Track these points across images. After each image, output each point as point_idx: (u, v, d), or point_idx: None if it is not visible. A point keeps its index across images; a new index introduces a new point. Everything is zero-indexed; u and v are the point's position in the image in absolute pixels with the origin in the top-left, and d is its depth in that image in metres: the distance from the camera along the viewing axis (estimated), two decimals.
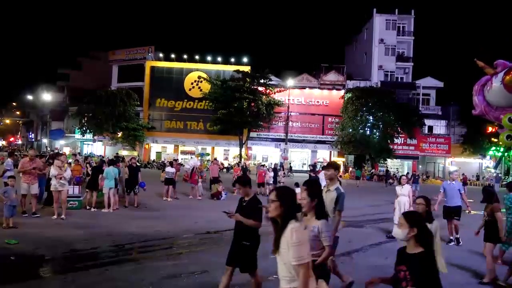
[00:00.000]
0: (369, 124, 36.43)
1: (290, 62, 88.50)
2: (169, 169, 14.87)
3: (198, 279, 5.62)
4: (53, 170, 9.75)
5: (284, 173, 21.93)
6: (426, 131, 42.39)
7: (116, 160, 14.89)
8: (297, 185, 12.01)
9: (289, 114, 39.46)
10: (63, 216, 9.48)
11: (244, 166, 25.08)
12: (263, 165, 22.26)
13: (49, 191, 11.63)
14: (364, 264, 6.89)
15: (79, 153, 40.08)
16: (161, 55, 44.50)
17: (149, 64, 43.88)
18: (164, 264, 6.28)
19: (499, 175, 35.74)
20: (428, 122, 40.96)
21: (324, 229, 3.72)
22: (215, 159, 23.93)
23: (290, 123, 40.20)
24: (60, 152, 25.00)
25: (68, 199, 11.10)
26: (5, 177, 10.88)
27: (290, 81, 38.68)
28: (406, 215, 3.05)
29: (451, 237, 8.92)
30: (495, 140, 31.67)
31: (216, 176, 16.53)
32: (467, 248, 8.61)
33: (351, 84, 41.53)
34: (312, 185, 3.92)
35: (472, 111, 8.66)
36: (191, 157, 42.20)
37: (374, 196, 21.13)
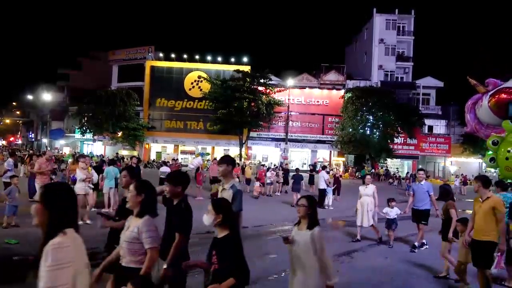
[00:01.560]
0: (369, 124, 36.44)
1: (290, 62, 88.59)
2: (164, 168, 14.63)
3: (198, 279, 5.62)
4: (79, 174, 9.38)
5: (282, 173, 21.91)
6: (426, 131, 42.40)
7: (116, 160, 14.92)
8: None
9: (289, 114, 39.48)
10: (88, 221, 9.18)
11: (244, 166, 25.10)
12: (263, 165, 22.29)
13: None
14: (364, 264, 6.90)
15: (79, 152, 40.13)
16: (161, 55, 44.52)
17: (149, 64, 43.89)
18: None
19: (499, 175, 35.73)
20: (428, 122, 40.97)
21: (145, 228, 3.16)
22: (215, 159, 23.92)
23: (290, 123, 40.22)
24: (84, 154, 24.38)
25: None
26: (6, 177, 10.96)
27: (290, 81, 38.69)
28: (213, 202, 3.27)
29: (424, 241, 8.37)
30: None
31: (216, 176, 16.53)
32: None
33: (351, 84, 41.54)
34: (141, 183, 3.42)
35: (464, 129, 8.69)
36: (194, 157, 42.38)
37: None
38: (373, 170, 38.74)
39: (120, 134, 39.98)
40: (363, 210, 8.58)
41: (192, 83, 43.01)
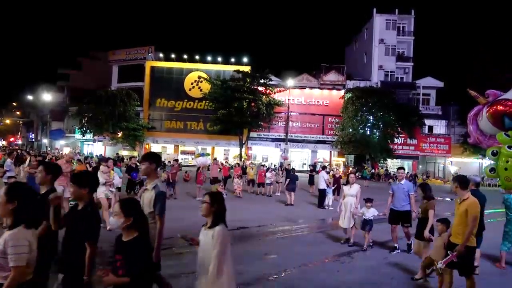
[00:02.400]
0: (369, 124, 36.43)
1: (290, 62, 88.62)
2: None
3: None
4: (100, 177, 8.86)
5: (282, 173, 21.90)
6: (426, 131, 42.40)
7: (117, 160, 14.91)
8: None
9: (289, 114, 39.47)
10: (109, 227, 8.58)
11: (244, 166, 25.07)
12: (263, 165, 22.27)
13: None
14: (364, 264, 6.90)
15: (79, 153, 40.12)
16: (161, 55, 44.53)
17: (149, 64, 43.90)
18: (164, 264, 6.26)
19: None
20: (428, 122, 40.96)
21: (11, 243, 2.67)
22: (215, 159, 23.92)
23: (290, 123, 40.23)
24: (106, 156, 23.47)
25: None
26: (5, 178, 10.97)
27: (290, 81, 38.69)
28: (122, 203, 3.02)
29: (396, 245, 7.83)
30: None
31: (216, 176, 16.53)
32: None
33: (351, 84, 41.55)
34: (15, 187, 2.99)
35: (468, 140, 8.78)
36: (193, 157, 42.39)
37: (376, 196, 21.10)
38: (373, 170, 38.78)
39: (120, 134, 39.98)
40: (346, 211, 8.24)
41: (192, 83, 43.01)
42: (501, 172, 7.22)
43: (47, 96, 47.79)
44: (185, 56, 43.73)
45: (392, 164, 42.19)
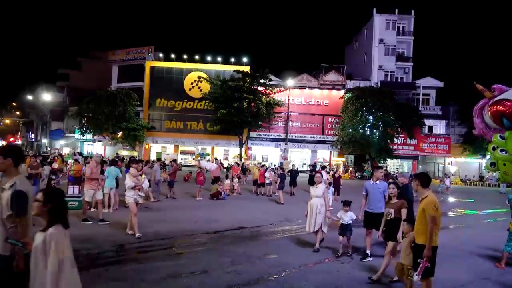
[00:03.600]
0: (369, 124, 36.42)
1: (290, 62, 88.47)
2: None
3: (198, 279, 5.63)
4: (128, 181, 8.35)
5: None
6: (426, 131, 42.40)
7: (117, 160, 14.89)
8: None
9: (289, 114, 39.48)
10: (138, 234, 8.01)
11: (244, 166, 25.09)
12: (263, 165, 22.28)
13: None
14: (364, 264, 6.90)
15: (79, 153, 40.14)
16: (161, 55, 44.53)
17: (149, 64, 43.89)
18: (164, 264, 6.30)
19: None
20: (428, 122, 40.96)
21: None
22: (216, 159, 23.92)
23: (290, 123, 40.22)
24: (136, 158, 22.50)
25: (68, 199, 11.13)
26: None
27: (290, 81, 38.68)
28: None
29: (368, 251, 7.17)
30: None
31: (218, 176, 16.53)
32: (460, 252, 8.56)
33: (351, 84, 41.55)
34: None
35: (473, 131, 8.88)
36: (193, 157, 42.37)
37: None
38: (370, 170, 38.81)
39: (120, 134, 39.97)
40: (313, 214, 7.53)
41: (192, 84, 43.01)
42: (500, 166, 7.55)
43: (47, 96, 47.78)
44: (185, 56, 43.72)
45: (392, 164, 42.20)
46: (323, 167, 17.13)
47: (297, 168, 19.97)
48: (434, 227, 4.52)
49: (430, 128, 42.82)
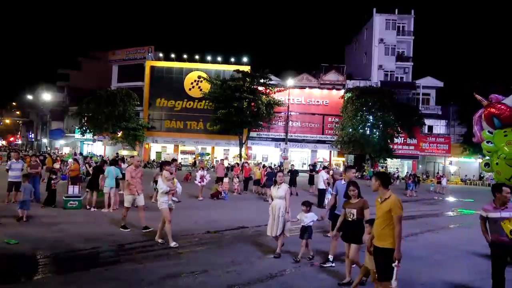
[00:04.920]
0: (369, 124, 36.43)
1: (290, 62, 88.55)
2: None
3: (198, 279, 5.63)
4: (162, 185, 7.53)
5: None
6: (426, 131, 42.40)
7: (117, 160, 14.88)
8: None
9: (289, 114, 39.47)
10: (174, 243, 7.42)
11: (244, 165, 25.04)
12: (264, 165, 22.29)
13: (49, 191, 11.67)
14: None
15: (80, 153, 40.16)
16: (161, 55, 44.52)
17: (149, 64, 43.89)
18: (164, 264, 6.29)
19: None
20: (428, 122, 40.97)
21: None
22: (221, 159, 23.88)
23: (290, 123, 40.22)
24: (167, 159, 21.60)
25: (68, 199, 11.14)
26: (10, 177, 11.20)
27: (290, 81, 38.68)
28: None
29: (330, 256, 6.61)
30: None
31: (221, 176, 16.49)
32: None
33: (351, 84, 41.55)
34: None
35: (472, 139, 9.16)
36: (193, 157, 42.28)
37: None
38: (372, 170, 38.78)
39: (120, 134, 39.98)
40: (275, 216, 6.96)
41: (192, 83, 43.00)
42: (493, 166, 7.89)
43: (47, 96, 47.78)
44: (185, 56, 43.72)
45: (392, 164, 42.21)
46: (324, 167, 17.11)
47: (296, 170, 19.92)
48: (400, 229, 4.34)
49: (430, 128, 42.82)
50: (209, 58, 43.69)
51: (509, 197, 5.10)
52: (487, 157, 8.60)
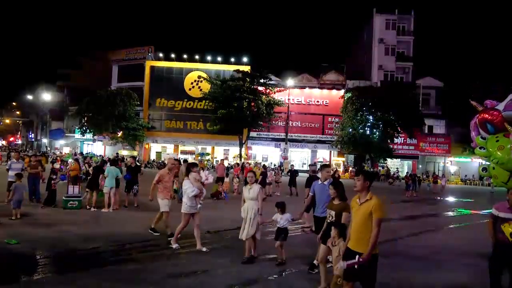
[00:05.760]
0: (369, 124, 36.44)
1: (290, 62, 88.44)
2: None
3: (198, 279, 5.63)
4: (190, 188, 7.09)
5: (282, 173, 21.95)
6: (426, 131, 42.40)
7: (118, 160, 14.87)
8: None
9: (289, 114, 39.47)
10: (176, 245, 7.29)
11: (244, 165, 25.06)
12: (263, 165, 22.30)
13: (50, 191, 11.66)
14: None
15: (81, 153, 40.14)
16: (161, 55, 44.54)
17: (149, 64, 43.90)
18: (164, 264, 6.29)
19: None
20: (428, 122, 40.98)
21: None
22: (221, 159, 23.90)
23: (290, 123, 40.22)
24: (195, 161, 21.21)
25: (68, 199, 11.14)
26: (10, 177, 11.23)
27: (290, 81, 38.69)
28: None
29: (316, 262, 6.04)
30: None
31: (222, 176, 16.50)
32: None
33: (351, 83, 41.56)
34: None
35: (471, 144, 9.34)
36: (193, 157, 42.36)
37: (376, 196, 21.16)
38: (372, 170, 38.79)
39: (120, 134, 39.99)
40: (247, 219, 6.55)
41: (192, 83, 43.01)
42: (490, 170, 8.04)
43: (47, 96, 47.82)
44: (185, 56, 43.73)
45: (392, 164, 42.22)
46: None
47: (296, 170, 20.00)
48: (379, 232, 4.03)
49: (430, 128, 42.84)
50: (209, 58, 43.71)
51: None
52: (484, 161, 8.74)
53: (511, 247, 4.94)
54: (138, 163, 15.93)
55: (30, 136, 66.81)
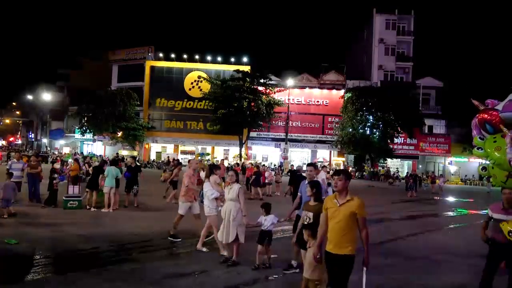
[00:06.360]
0: (369, 124, 36.45)
1: (290, 62, 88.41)
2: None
3: (198, 279, 5.63)
4: (210, 190, 6.94)
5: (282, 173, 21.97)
6: (426, 131, 42.41)
7: (118, 160, 14.86)
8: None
9: (289, 114, 39.48)
10: (204, 249, 7.13)
11: (244, 165, 25.08)
12: (264, 165, 22.32)
13: (51, 191, 11.66)
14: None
15: (81, 152, 40.17)
16: (161, 55, 44.54)
17: (149, 64, 43.91)
18: (164, 264, 6.29)
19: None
20: (428, 122, 40.99)
21: None
22: (222, 159, 23.91)
23: (290, 123, 40.23)
24: (216, 162, 20.95)
25: (68, 199, 11.14)
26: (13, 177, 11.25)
27: (290, 81, 38.70)
28: None
29: (293, 262, 6.07)
30: None
31: (222, 176, 16.55)
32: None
33: (351, 83, 41.56)
34: None
35: (472, 143, 9.36)
36: (193, 157, 42.29)
37: (377, 196, 21.16)
38: (372, 170, 38.82)
39: (120, 134, 40.00)
40: (225, 222, 6.21)
41: (192, 83, 43.02)
42: (490, 170, 8.11)
43: (47, 96, 47.79)
44: (185, 56, 43.74)
45: (392, 164, 42.23)
46: (323, 167, 17.12)
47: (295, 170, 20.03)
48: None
49: (430, 128, 42.85)
50: (209, 58, 43.71)
51: (510, 197, 5.07)
52: (483, 161, 8.76)
53: (507, 247, 4.94)
54: (138, 163, 15.94)
55: (30, 136, 66.80)
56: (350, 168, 40.25)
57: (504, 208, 5.07)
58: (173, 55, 43.97)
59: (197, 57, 43.65)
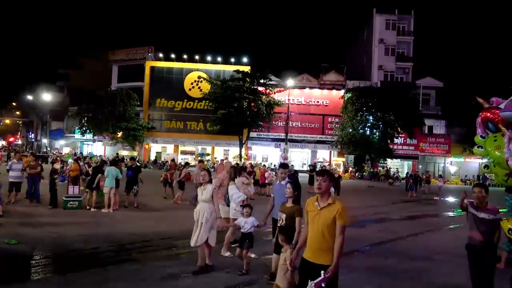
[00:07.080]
0: (369, 124, 36.45)
1: (290, 62, 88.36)
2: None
3: (198, 279, 5.63)
4: (237, 193, 6.75)
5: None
6: (426, 131, 42.41)
7: (118, 160, 14.86)
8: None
9: (289, 114, 39.49)
10: (228, 253, 6.86)
11: (244, 166, 25.05)
12: (264, 165, 22.29)
13: (52, 191, 11.65)
14: (364, 264, 6.89)
15: (81, 153, 40.14)
16: (161, 55, 44.54)
17: (149, 64, 43.91)
18: (164, 264, 6.29)
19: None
20: (428, 122, 40.99)
21: None
22: (222, 159, 23.91)
23: (290, 123, 40.22)
24: (244, 164, 20.71)
25: (68, 199, 11.14)
26: (11, 177, 11.22)
27: (290, 81, 38.69)
28: None
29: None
30: None
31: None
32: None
33: (351, 84, 41.56)
34: None
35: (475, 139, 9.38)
36: (193, 157, 42.32)
37: (377, 196, 21.17)
38: (372, 170, 38.81)
39: (120, 134, 40.00)
40: (199, 224, 5.90)
41: (192, 83, 43.02)
42: (491, 168, 8.11)
43: (47, 96, 47.78)
44: (185, 56, 43.74)
45: (392, 164, 42.22)
46: (323, 167, 17.16)
47: (296, 170, 20.01)
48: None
49: (430, 128, 42.84)
50: (209, 58, 43.72)
51: (480, 196, 4.94)
52: (485, 160, 8.75)
53: (476, 248, 4.80)
54: (138, 164, 15.96)
55: (30, 136, 66.81)
56: (350, 168, 40.27)
57: (475, 206, 4.92)
58: (173, 55, 43.97)
59: (197, 57, 43.66)
